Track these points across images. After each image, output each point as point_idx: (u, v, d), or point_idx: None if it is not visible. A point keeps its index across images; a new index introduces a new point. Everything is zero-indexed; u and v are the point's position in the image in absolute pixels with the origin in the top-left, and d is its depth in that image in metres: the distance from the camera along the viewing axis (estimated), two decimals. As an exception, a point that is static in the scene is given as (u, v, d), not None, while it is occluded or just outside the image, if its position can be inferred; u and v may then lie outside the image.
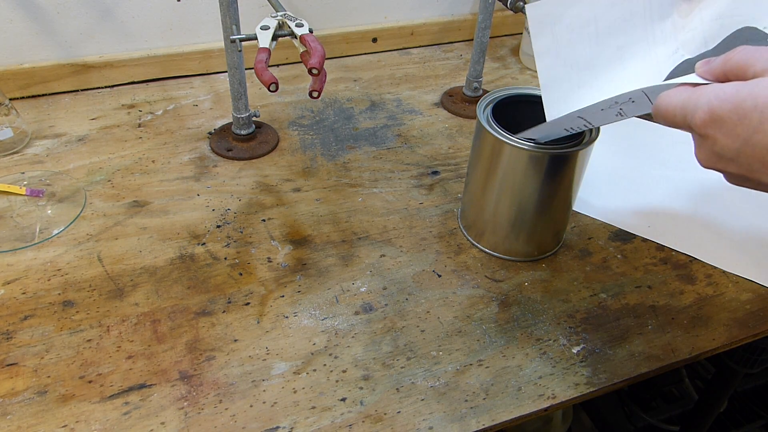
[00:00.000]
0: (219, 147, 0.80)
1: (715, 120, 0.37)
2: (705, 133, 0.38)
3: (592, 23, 0.53)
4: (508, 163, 0.59)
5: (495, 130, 0.59)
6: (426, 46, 1.10)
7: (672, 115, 0.40)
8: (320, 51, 0.60)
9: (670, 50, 0.49)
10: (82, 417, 0.49)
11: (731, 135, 0.37)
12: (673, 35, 0.49)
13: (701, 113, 0.38)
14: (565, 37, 0.55)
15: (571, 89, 0.55)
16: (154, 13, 0.90)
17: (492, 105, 0.62)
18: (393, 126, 0.88)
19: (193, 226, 0.68)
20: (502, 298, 0.62)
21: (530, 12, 0.56)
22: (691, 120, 0.39)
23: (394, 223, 0.70)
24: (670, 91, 0.41)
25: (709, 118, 0.38)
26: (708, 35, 0.47)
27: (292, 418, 0.50)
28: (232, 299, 0.60)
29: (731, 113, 0.37)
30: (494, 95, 0.64)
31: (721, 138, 0.38)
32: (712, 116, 0.37)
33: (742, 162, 0.38)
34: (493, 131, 0.59)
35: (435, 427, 0.50)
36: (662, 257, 0.68)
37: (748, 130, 0.36)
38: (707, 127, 0.38)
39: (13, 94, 0.87)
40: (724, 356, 0.87)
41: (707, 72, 0.41)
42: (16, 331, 0.56)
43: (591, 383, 0.54)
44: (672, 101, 0.40)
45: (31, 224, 0.67)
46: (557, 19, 0.55)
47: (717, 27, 0.47)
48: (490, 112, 0.62)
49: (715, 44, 0.47)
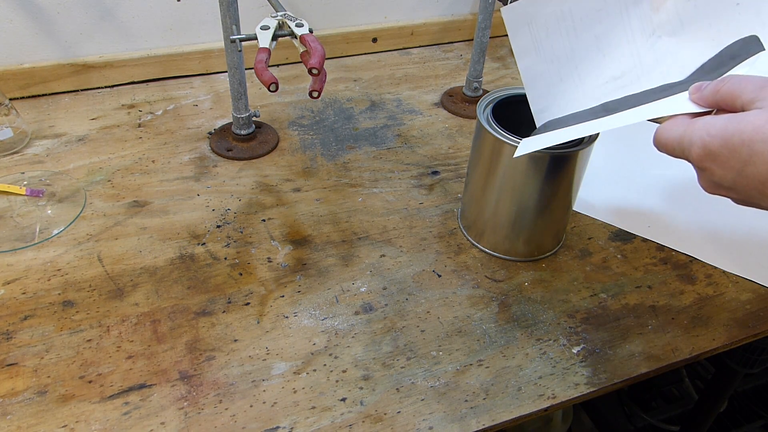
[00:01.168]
0: (219, 147, 0.80)
1: (709, 154, 0.40)
2: (702, 167, 0.41)
3: (567, 17, 0.54)
4: (508, 163, 0.59)
5: (495, 130, 0.59)
6: (426, 46, 1.10)
7: (671, 148, 0.43)
8: (320, 51, 0.60)
9: (647, 33, 0.50)
10: (82, 417, 0.49)
11: (725, 167, 0.39)
12: (649, 18, 0.50)
13: (696, 148, 0.40)
14: (542, 35, 0.55)
15: (554, 83, 0.56)
16: (154, 13, 0.90)
17: (492, 105, 0.62)
18: (393, 126, 0.88)
19: (193, 226, 0.68)
20: (502, 298, 0.62)
21: (506, 14, 0.56)
22: (688, 154, 0.42)
23: (394, 223, 0.70)
24: (667, 125, 0.43)
25: (704, 153, 0.40)
26: (684, 16, 0.48)
27: (292, 418, 0.50)
28: (232, 299, 0.60)
29: (722, 148, 0.39)
30: (494, 95, 0.64)
31: (717, 170, 0.40)
32: (705, 151, 0.40)
33: (740, 190, 0.40)
34: (493, 131, 0.59)
35: (435, 427, 0.50)
36: (662, 257, 0.68)
37: (739, 163, 0.38)
38: (703, 161, 0.40)
39: (13, 94, 0.87)
40: (724, 356, 0.87)
41: (700, 98, 0.43)
42: (16, 331, 0.56)
43: (591, 383, 0.54)
44: (670, 136, 0.43)
45: (31, 224, 0.67)
46: (533, 18, 0.55)
47: (691, 7, 0.48)
48: (490, 112, 0.61)
49: (694, 31, 0.48)
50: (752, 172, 0.38)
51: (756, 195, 0.39)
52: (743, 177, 0.39)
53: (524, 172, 0.59)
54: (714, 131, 0.39)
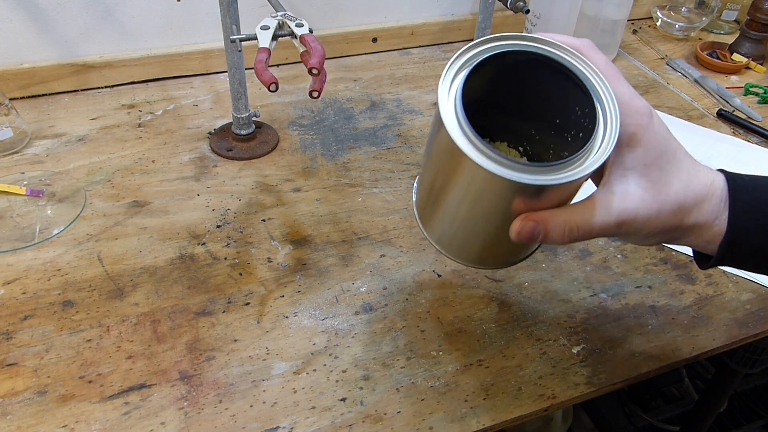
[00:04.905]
0: (219, 147, 0.80)
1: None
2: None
3: None
4: (474, 186, 0.37)
5: (459, 127, 0.35)
6: (426, 46, 1.10)
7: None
8: (320, 51, 0.60)
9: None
10: (82, 417, 0.49)
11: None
12: None
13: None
14: None
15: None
16: (154, 13, 0.90)
17: (466, 74, 0.37)
18: (393, 126, 0.88)
19: (193, 226, 0.68)
20: (502, 298, 0.62)
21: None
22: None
23: (394, 223, 0.70)
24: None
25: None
26: None
27: (292, 418, 0.50)
28: (232, 299, 0.60)
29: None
30: (471, 53, 0.38)
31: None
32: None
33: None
34: (455, 130, 0.35)
35: (435, 427, 0.50)
36: (662, 257, 0.68)
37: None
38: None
39: (13, 94, 0.87)
40: (724, 356, 0.87)
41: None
42: (16, 331, 0.56)
43: (591, 383, 0.54)
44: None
45: (31, 224, 0.67)
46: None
47: None
48: (460, 90, 0.36)
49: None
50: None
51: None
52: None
53: (499, 203, 0.38)
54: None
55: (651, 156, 0.38)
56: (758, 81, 1.03)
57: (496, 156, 0.34)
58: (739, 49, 1.08)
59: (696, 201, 0.38)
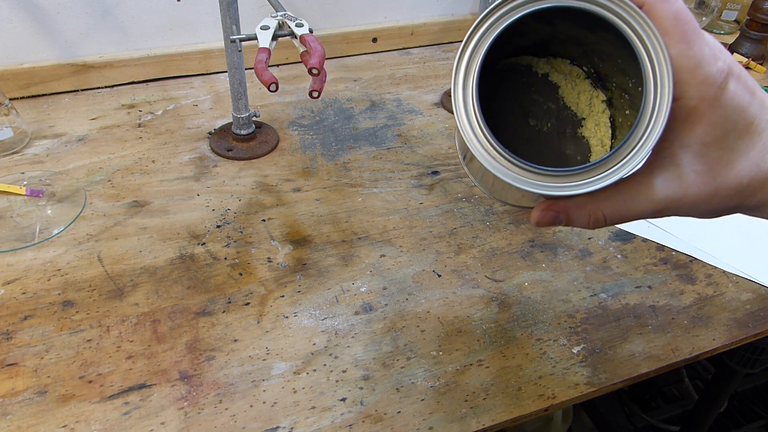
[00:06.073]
0: (219, 147, 0.80)
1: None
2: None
3: None
4: (494, 180, 0.34)
5: (480, 137, 0.32)
6: (426, 46, 1.10)
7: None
8: (320, 51, 0.60)
9: None
10: (82, 417, 0.49)
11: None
12: None
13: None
14: None
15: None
16: (154, 13, 0.90)
17: (479, 63, 0.32)
18: (393, 126, 0.88)
19: (193, 226, 0.68)
20: (502, 298, 0.62)
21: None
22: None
23: (394, 223, 0.70)
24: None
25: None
26: None
27: (292, 418, 0.50)
28: (232, 299, 0.60)
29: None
30: (489, 22, 0.32)
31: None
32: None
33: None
34: (475, 140, 0.32)
35: (435, 427, 0.50)
36: (662, 257, 0.68)
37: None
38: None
39: (13, 94, 0.87)
40: (724, 356, 0.87)
41: None
42: (16, 331, 0.56)
43: (591, 383, 0.54)
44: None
45: (31, 224, 0.67)
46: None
47: None
48: (475, 87, 0.32)
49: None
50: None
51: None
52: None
53: (517, 194, 0.37)
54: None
55: (713, 135, 0.31)
56: (758, 81, 1.03)
57: (510, 161, 0.31)
58: (739, 49, 1.08)
59: (765, 180, 0.32)
